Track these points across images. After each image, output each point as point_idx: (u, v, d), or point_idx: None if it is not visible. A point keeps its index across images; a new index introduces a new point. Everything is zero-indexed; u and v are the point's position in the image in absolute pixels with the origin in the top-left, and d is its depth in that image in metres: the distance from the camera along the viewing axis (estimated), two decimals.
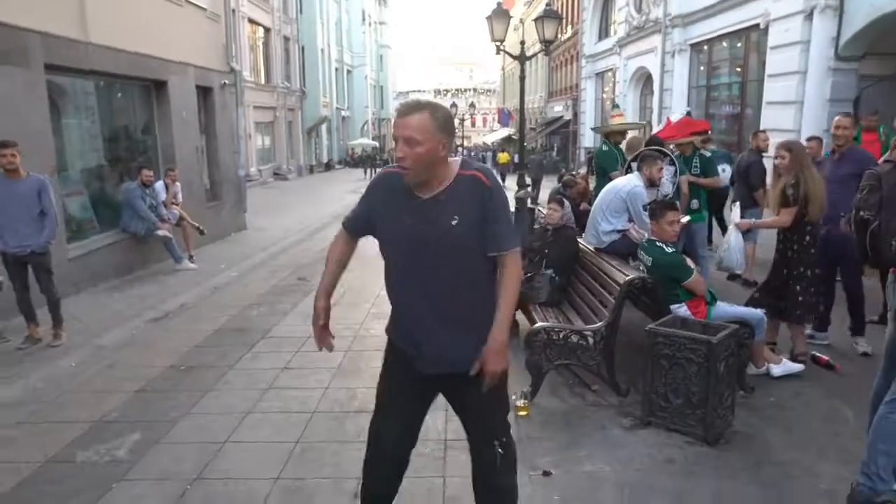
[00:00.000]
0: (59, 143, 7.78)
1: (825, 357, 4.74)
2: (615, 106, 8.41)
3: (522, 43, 10.65)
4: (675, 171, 6.22)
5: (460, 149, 33.18)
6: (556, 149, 36.34)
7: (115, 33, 8.52)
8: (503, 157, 35.09)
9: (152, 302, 7.37)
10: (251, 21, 26.30)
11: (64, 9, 7.61)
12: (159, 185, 9.49)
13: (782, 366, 4.50)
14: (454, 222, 2.18)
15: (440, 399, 4.26)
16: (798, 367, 4.56)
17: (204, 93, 11.89)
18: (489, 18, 10.41)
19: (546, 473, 3.32)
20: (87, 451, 3.73)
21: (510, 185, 27.37)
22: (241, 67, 14.71)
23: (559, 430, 3.83)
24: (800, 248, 4.64)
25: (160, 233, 9.05)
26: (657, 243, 4.34)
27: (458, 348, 2.26)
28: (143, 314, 6.87)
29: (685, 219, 5.63)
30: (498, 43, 10.57)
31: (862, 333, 5.04)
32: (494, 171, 7.59)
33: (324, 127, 38.88)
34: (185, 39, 10.90)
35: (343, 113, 44.61)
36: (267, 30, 28.70)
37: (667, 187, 5.89)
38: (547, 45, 10.72)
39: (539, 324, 4.41)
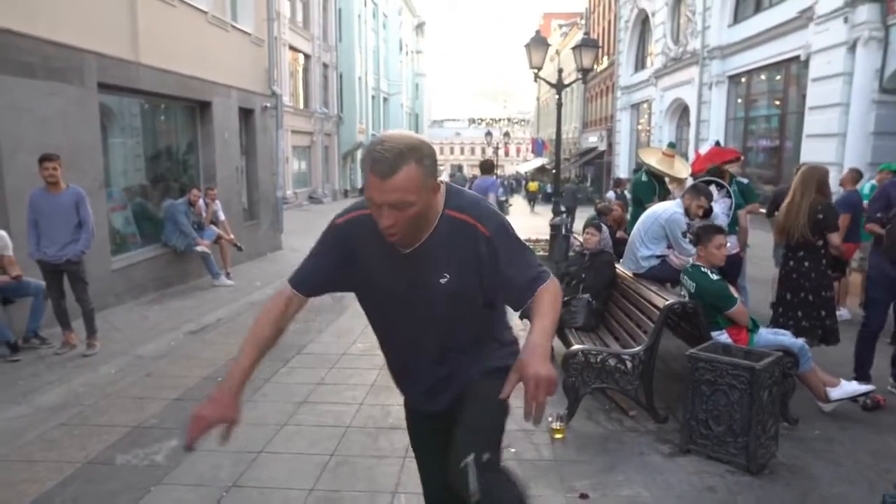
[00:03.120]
0: (105, 160, 8.02)
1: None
2: (671, 145, 8.31)
3: (560, 70, 10.73)
4: (732, 204, 6.11)
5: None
6: (589, 179, 36.30)
7: (164, 55, 8.82)
8: (532, 185, 35.26)
9: (190, 315, 7.50)
10: (292, 48, 26.96)
11: (118, 31, 7.92)
12: (200, 203, 9.72)
13: (840, 388, 4.29)
14: (443, 280, 1.80)
15: None
16: (866, 387, 4.32)
17: (245, 115, 12.19)
18: (527, 46, 10.53)
19: (583, 496, 3.26)
20: (126, 455, 3.79)
21: (539, 212, 27.48)
22: (282, 92, 15.05)
23: (596, 453, 3.77)
24: (820, 269, 4.78)
25: (199, 249, 9.25)
26: (702, 269, 4.28)
27: (463, 382, 1.96)
28: (181, 326, 6.99)
29: (734, 249, 5.58)
30: (535, 70, 10.66)
31: None
32: (496, 201, 7.65)
33: (359, 153, 39.42)
34: (230, 63, 11.22)
35: None
36: (307, 57, 29.37)
37: (720, 219, 5.74)
38: (584, 73, 10.80)
39: (577, 346, 4.37)
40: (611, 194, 15.26)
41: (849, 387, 4.29)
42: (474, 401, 1.91)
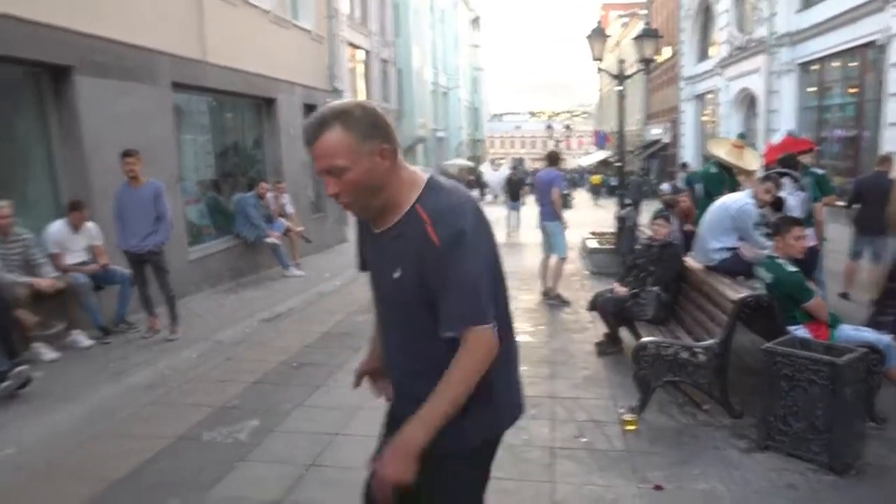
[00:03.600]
0: (179, 156, 8.37)
1: None
2: (741, 136, 8.07)
3: (622, 61, 10.58)
4: (808, 197, 5.92)
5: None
6: (654, 172, 35.53)
7: (230, 54, 9.13)
8: (595, 178, 34.80)
9: (263, 304, 7.77)
10: (351, 44, 27.33)
11: (187, 32, 8.25)
12: (269, 196, 10.03)
13: None
14: (396, 275, 1.68)
15: (546, 407, 4.30)
16: None
17: (309, 110, 12.47)
18: (589, 38, 10.41)
19: (658, 488, 3.25)
20: (211, 432, 4.00)
21: (603, 205, 27.12)
22: (343, 88, 15.32)
23: (670, 446, 3.75)
24: None
25: (269, 240, 9.56)
26: (778, 260, 4.19)
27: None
28: (255, 315, 7.25)
29: (812, 241, 5.40)
30: (597, 62, 10.53)
31: None
32: (560, 194, 7.60)
33: (420, 147, 39.71)
34: (292, 60, 11.52)
35: (439, 133, 45.40)
36: (367, 52, 29.74)
37: (795, 213, 5.55)
38: (646, 64, 10.60)
39: (647, 338, 4.34)
40: (665, 186, 14.94)
41: None
42: (433, 494, 1.75)
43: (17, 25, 5.61)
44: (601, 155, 46.33)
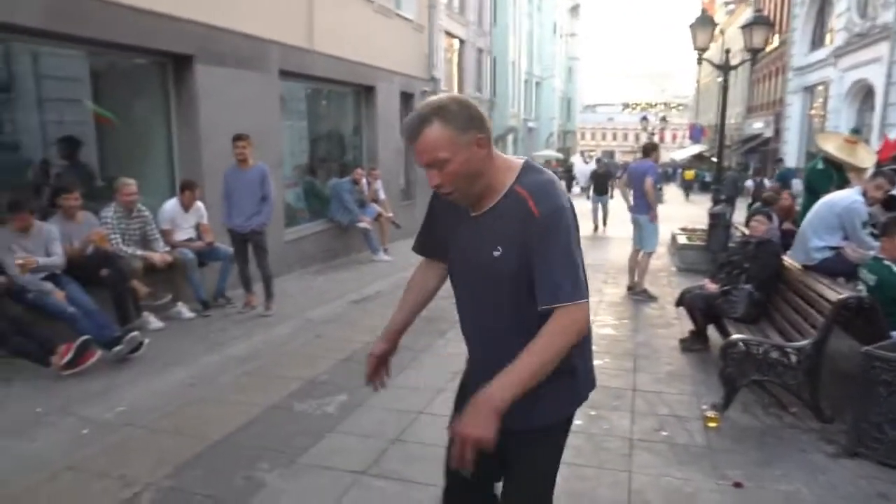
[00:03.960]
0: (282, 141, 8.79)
1: None
2: (855, 131, 7.67)
3: (727, 51, 10.15)
4: None
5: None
6: (752, 168, 33.88)
7: (336, 43, 9.47)
8: (689, 173, 33.63)
9: (352, 286, 8.08)
10: (448, 33, 27.52)
11: (296, 21, 8.63)
12: (363, 182, 10.36)
13: None
14: (496, 253, 1.75)
15: (627, 399, 4.30)
16: None
17: (406, 99, 12.74)
18: (692, 26, 10.05)
19: (737, 485, 3.20)
20: (302, 404, 4.25)
21: (695, 200, 26.19)
22: (440, 77, 15.52)
23: (752, 446, 3.67)
24: None
25: (361, 225, 9.89)
26: (885, 262, 3.99)
27: (523, 407, 1.73)
28: (344, 296, 7.56)
29: None
30: (700, 52, 10.15)
31: None
32: (653, 186, 7.40)
33: (510, 137, 39.59)
34: (393, 49, 11.78)
35: (530, 124, 45.08)
36: (462, 42, 29.88)
37: None
38: (754, 53, 10.13)
39: (738, 335, 4.24)
40: (749, 183, 14.03)
41: None
42: (528, 464, 1.87)
43: (144, 17, 6.10)
44: (696, 149, 44.53)
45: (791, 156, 26.29)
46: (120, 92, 6.78)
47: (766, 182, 15.14)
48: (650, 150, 8.26)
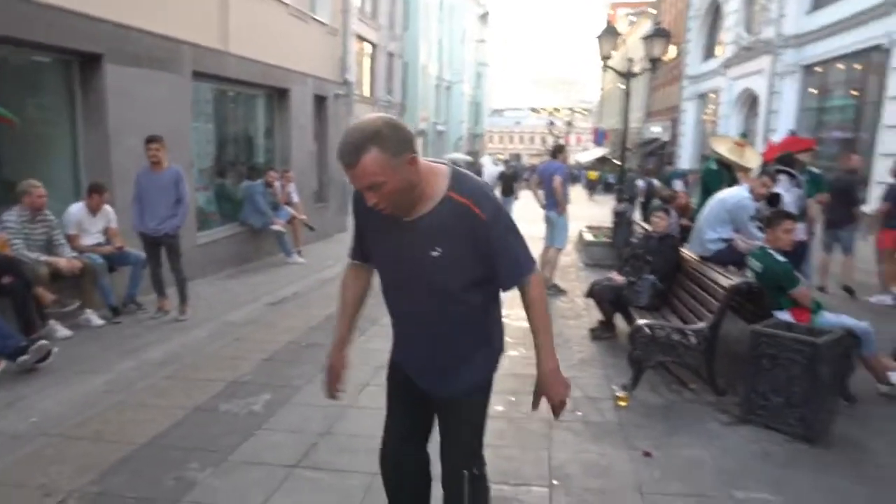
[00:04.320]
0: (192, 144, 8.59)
1: None
2: (743, 135, 8.43)
3: (630, 60, 10.78)
4: (802, 195, 6.15)
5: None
6: (643, 170, 35.71)
7: (250, 45, 9.35)
8: (592, 174, 35.07)
9: (267, 289, 8.00)
10: (360, 37, 27.50)
11: (211, 22, 8.47)
12: (276, 184, 10.25)
13: None
14: (435, 254, 1.94)
15: None
16: None
17: (319, 102, 12.69)
18: (599, 37, 10.60)
19: (647, 454, 3.50)
20: (228, 404, 4.23)
21: (598, 200, 27.39)
22: (353, 80, 15.54)
23: (658, 420, 4.00)
24: None
25: (275, 227, 9.79)
26: (769, 251, 4.42)
27: (438, 375, 2.14)
28: (260, 298, 7.48)
29: (802, 236, 5.66)
30: (605, 60, 10.72)
31: None
32: (561, 184, 7.86)
33: (420, 140, 39.92)
34: (307, 52, 11.73)
35: (439, 127, 45.58)
36: (374, 46, 29.91)
37: (791, 209, 5.80)
38: (654, 63, 10.80)
39: (643, 320, 4.58)
40: (640, 183, 15.16)
41: None
42: (464, 420, 2.17)
43: (49, 13, 5.83)
44: (599, 152, 46.48)
45: (686, 158, 27.92)
46: (19, 91, 6.43)
47: (655, 182, 16.35)
48: (558, 151, 8.67)
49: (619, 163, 26.68)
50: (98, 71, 6.54)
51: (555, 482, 3.23)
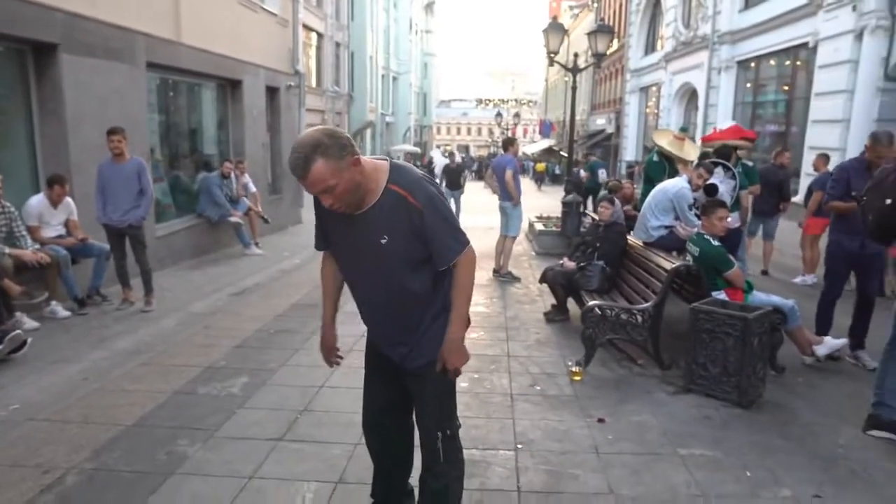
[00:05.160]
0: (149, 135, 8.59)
1: None
2: (683, 129, 8.98)
3: (576, 55, 11.20)
4: (736, 186, 6.65)
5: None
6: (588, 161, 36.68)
7: (202, 36, 9.36)
8: (540, 166, 35.83)
9: (229, 280, 8.12)
10: (306, 27, 27.25)
11: (163, 12, 8.46)
12: (232, 176, 10.29)
13: (824, 345, 4.90)
14: (383, 241, 2.18)
15: (503, 363, 4.87)
16: (840, 341, 4.92)
17: (271, 93, 12.72)
18: (545, 31, 10.99)
19: (600, 420, 3.89)
20: (206, 387, 4.42)
21: (546, 191, 28.06)
22: (304, 71, 15.54)
23: (610, 392, 4.40)
24: None
25: (233, 219, 9.85)
26: (705, 236, 4.86)
27: (402, 350, 2.37)
28: (223, 289, 7.60)
29: (735, 223, 6.17)
30: (552, 54, 11.13)
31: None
32: (514, 177, 8.27)
33: (368, 132, 39.85)
34: (258, 43, 11.74)
35: (387, 118, 45.61)
36: (320, 35, 29.72)
37: (725, 198, 6.24)
38: (599, 58, 11.27)
39: (594, 301, 4.97)
40: (602, 173, 16.22)
41: (831, 342, 4.89)
42: (434, 387, 2.39)
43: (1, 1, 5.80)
44: (546, 143, 47.34)
45: (630, 150, 28.85)
46: None
47: (581, 173, 17.57)
48: (508, 144, 9.03)
49: (565, 154, 27.41)
50: (53, 61, 6.53)
51: (519, 446, 3.57)
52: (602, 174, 15.55)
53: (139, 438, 3.62)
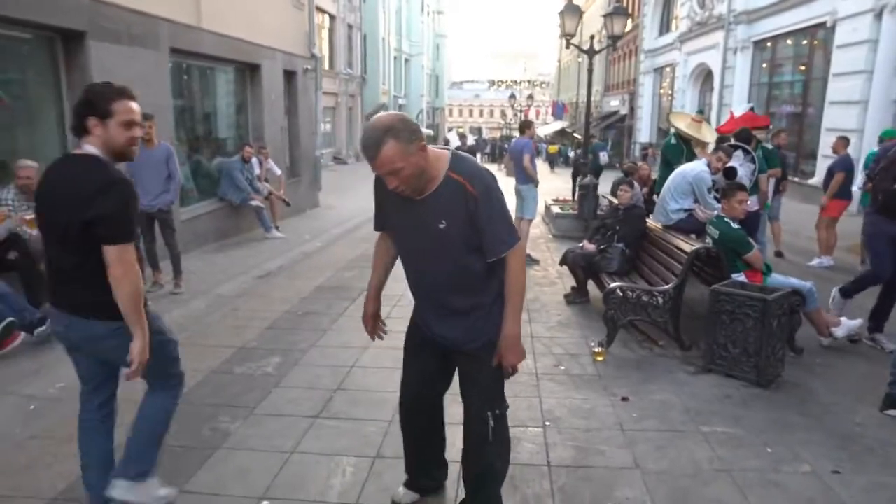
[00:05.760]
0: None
1: None
2: (700, 111, 8.99)
3: (592, 37, 11.20)
4: (755, 169, 6.71)
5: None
6: (610, 143, 36.51)
7: (221, 20, 9.44)
8: (552, 148, 35.75)
9: (253, 262, 8.28)
10: (318, 9, 27.17)
11: None
12: (254, 160, 10.44)
13: (842, 327, 4.99)
14: (441, 226, 2.28)
15: (527, 344, 5.01)
16: (857, 322, 5.01)
17: (289, 77, 12.80)
18: (561, 14, 10.99)
19: (624, 399, 4.03)
20: (241, 367, 4.59)
21: (559, 173, 28.03)
22: (321, 55, 15.61)
23: (632, 371, 4.54)
24: None
25: (254, 203, 10.01)
26: (725, 219, 4.95)
27: (457, 331, 2.47)
28: (248, 272, 7.76)
29: (754, 206, 6.23)
30: (568, 38, 11.14)
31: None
32: (531, 161, 8.29)
33: (382, 113, 39.88)
34: (275, 26, 11.81)
35: (400, 101, 45.56)
36: (332, 17, 29.68)
37: (744, 181, 6.27)
38: (614, 40, 11.27)
39: (616, 283, 5.08)
40: (604, 155, 16.31)
41: (848, 324, 4.98)
42: (485, 368, 2.46)
43: None
44: (559, 125, 47.10)
45: (644, 132, 28.72)
46: (4, 70, 6.52)
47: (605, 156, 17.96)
48: (525, 127, 9.08)
49: (578, 136, 27.32)
50: (81, 48, 6.65)
51: (547, 423, 3.72)
52: (603, 156, 15.59)
53: (184, 415, 3.75)
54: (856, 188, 8.66)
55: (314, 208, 13.97)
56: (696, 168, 5.98)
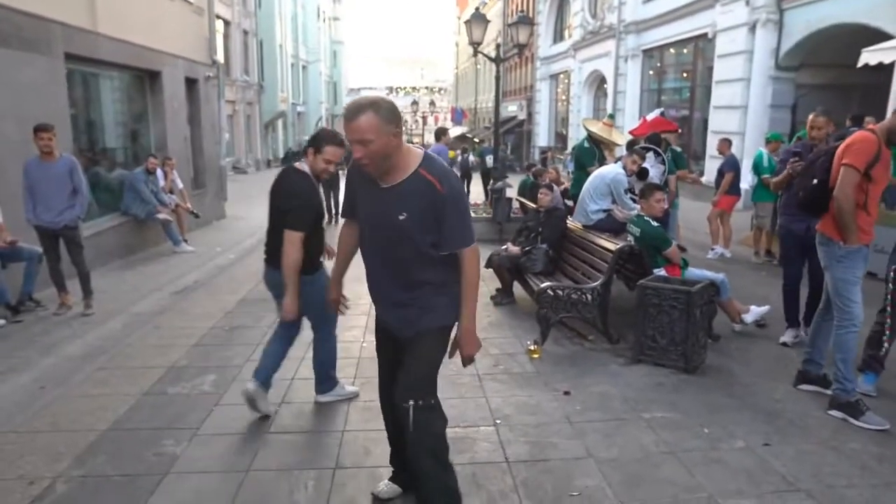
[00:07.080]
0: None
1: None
2: (611, 116, 9.44)
3: (499, 46, 11.52)
4: (665, 170, 7.13)
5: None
6: (509, 147, 37.46)
7: (119, 24, 8.99)
8: (452, 153, 36.25)
9: (165, 278, 7.92)
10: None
11: (78, 0, 8.07)
12: (158, 172, 9.97)
13: (751, 313, 5.41)
14: (402, 217, 2.39)
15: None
16: (764, 308, 5.43)
17: (190, 84, 12.32)
18: (468, 23, 11.24)
19: (566, 393, 4.20)
20: (175, 387, 4.40)
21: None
22: (221, 61, 15.10)
23: (568, 367, 4.73)
24: None
25: (161, 216, 9.56)
26: (645, 218, 5.26)
27: (399, 318, 2.59)
28: (162, 288, 7.42)
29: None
30: (476, 46, 11.39)
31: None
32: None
33: (280, 122, 39.00)
34: (175, 32, 11.36)
35: (298, 108, 44.73)
36: (227, 23, 28.77)
37: (655, 182, 6.69)
38: (520, 48, 11.64)
39: (546, 283, 5.27)
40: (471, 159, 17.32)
41: (757, 310, 5.42)
42: (417, 356, 2.52)
43: None
44: (458, 130, 47.78)
45: (542, 136, 29.68)
46: None
47: (471, 158, 18.79)
48: (440, 134, 9.26)
49: (478, 141, 27.80)
50: None
51: (498, 421, 3.81)
52: (489, 160, 16.33)
53: (121, 442, 3.60)
54: (745, 186, 9.40)
55: (221, 219, 13.49)
56: (612, 171, 6.30)
